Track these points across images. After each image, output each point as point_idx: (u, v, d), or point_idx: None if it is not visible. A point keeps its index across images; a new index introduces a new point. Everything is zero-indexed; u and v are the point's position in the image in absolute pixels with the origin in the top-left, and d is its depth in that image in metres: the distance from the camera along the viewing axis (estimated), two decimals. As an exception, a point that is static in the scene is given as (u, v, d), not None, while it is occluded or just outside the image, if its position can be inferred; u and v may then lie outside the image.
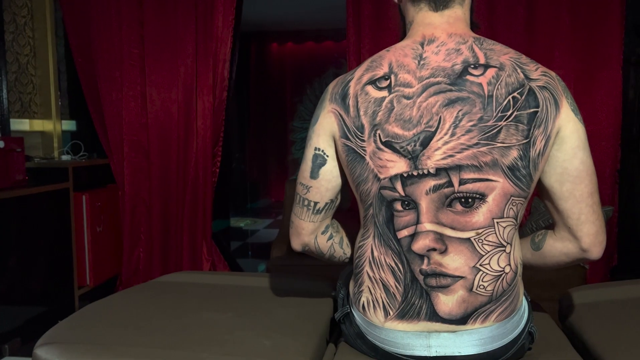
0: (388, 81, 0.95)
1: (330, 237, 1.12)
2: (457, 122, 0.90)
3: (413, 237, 0.94)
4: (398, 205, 0.95)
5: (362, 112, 0.96)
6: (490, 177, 0.90)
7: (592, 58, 2.51)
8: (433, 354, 0.97)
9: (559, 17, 2.51)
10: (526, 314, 1.03)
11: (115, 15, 2.73)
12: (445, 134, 0.91)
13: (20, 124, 2.79)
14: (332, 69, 4.98)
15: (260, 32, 5.52)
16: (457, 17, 0.99)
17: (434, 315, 0.95)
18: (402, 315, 0.97)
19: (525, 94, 0.90)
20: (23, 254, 2.27)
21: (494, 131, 0.89)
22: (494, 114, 0.90)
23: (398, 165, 0.93)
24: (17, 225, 2.23)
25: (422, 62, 0.95)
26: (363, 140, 0.96)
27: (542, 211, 2.33)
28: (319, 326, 1.19)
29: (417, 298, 0.96)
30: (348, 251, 1.15)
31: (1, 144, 2.18)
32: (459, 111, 0.90)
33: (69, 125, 3.08)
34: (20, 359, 2.13)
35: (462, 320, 0.95)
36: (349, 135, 0.98)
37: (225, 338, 1.07)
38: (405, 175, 0.93)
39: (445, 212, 0.92)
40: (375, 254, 0.99)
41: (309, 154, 1.04)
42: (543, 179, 0.96)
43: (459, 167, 0.90)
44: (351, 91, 0.98)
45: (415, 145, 0.92)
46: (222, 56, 2.69)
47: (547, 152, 0.93)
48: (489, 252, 0.93)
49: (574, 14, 2.50)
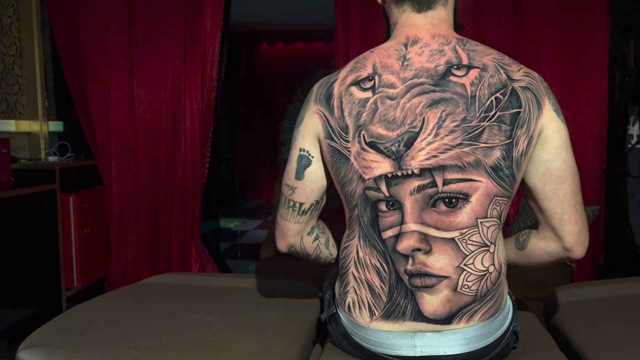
0: (372, 82, 0.95)
1: (316, 238, 1.12)
2: (441, 123, 0.91)
3: (398, 237, 0.95)
4: (383, 206, 0.95)
5: (346, 113, 0.96)
6: (474, 177, 0.91)
7: (578, 59, 2.53)
8: (418, 353, 0.97)
9: (545, 19, 2.53)
10: (510, 313, 1.03)
11: (103, 15, 2.71)
12: (429, 134, 0.91)
13: (6, 125, 2.76)
14: (322, 70, 4.99)
15: (249, 33, 5.51)
16: (440, 18, 0.99)
17: (419, 315, 0.96)
18: (387, 316, 0.98)
19: (508, 94, 0.91)
20: (9, 256, 2.25)
21: (477, 131, 0.90)
22: (477, 115, 0.90)
23: (382, 165, 0.93)
24: (3, 227, 2.21)
25: (405, 63, 0.95)
26: (347, 141, 0.96)
27: (530, 211, 2.35)
28: (306, 327, 1.19)
29: (402, 298, 0.96)
30: (334, 252, 1.15)
31: (-14, 145, 2.16)
32: (442, 112, 0.91)
33: (55, 126, 3.06)
34: (6, 362, 2.11)
35: (446, 319, 0.95)
36: (333, 136, 0.98)
37: (211, 340, 1.06)
38: (389, 175, 0.93)
39: (429, 213, 0.93)
40: (361, 254, 1.00)
41: (294, 155, 1.04)
42: (526, 179, 0.97)
43: (442, 168, 0.91)
44: (335, 92, 0.98)
45: (399, 146, 0.92)
46: (211, 57, 2.69)
47: (529, 152, 0.93)
48: (472, 252, 0.94)
49: (561, 16, 2.52)
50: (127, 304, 1.29)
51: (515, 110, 0.91)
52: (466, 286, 0.95)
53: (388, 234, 0.96)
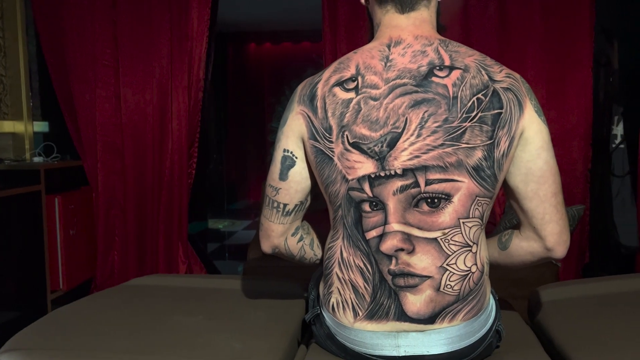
0: (355, 83, 0.95)
1: (301, 239, 1.12)
2: (423, 123, 0.91)
3: (381, 237, 0.95)
4: (366, 207, 0.95)
5: (330, 114, 0.96)
6: (456, 177, 0.91)
7: (563, 60, 2.56)
8: (402, 353, 0.98)
9: (530, 21, 2.55)
10: (493, 313, 1.04)
11: (88, 14, 2.69)
12: (412, 134, 0.92)
13: (-10, 125, 2.73)
14: (310, 70, 4.98)
15: (237, 33, 5.49)
16: (423, 19, 1.00)
17: (402, 315, 0.96)
18: (371, 316, 0.98)
19: (490, 95, 0.92)
20: (-7, 258, 2.22)
21: (459, 132, 0.90)
22: (459, 115, 0.91)
23: (365, 166, 0.94)
24: (-14, 228, 2.18)
25: (388, 64, 0.95)
26: (331, 142, 0.96)
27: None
28: (291, 328, 1.19)
29: (385, 298, 0.97)
30: (319, 253, 1.15)
31: (-31, 146, 2.13)
32: (424, 112, 0.91)
33: (41, 126, 3.03)
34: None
35: (430, 319, 0.96)
36: (317, 136, 0.98)
37: (194, 341, 1.06)
38: (372, 176, 0.94)
39: (412, 213, 0.93)
40: (345, 255, 1.00)
41: (278, 155, 1.04)
42: (508, 179, 0.98)
43: (425, 168, 0.91)
44: (319, 93, 0.99)
45: (382, 146, 0.93)
46: (198, 56, 2.68)
47: (511, 153, 0.94)
48: (455, 251, 0.94)
49: (546, 18, 2.54)
50: (111, 306, 1.28)
51: (496, 111, 0.92)
52: (449, 286, 0.95)
53: (372, 234, 0.96)
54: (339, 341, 1.04)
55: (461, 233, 0.94)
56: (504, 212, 2.55)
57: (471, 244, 0.95)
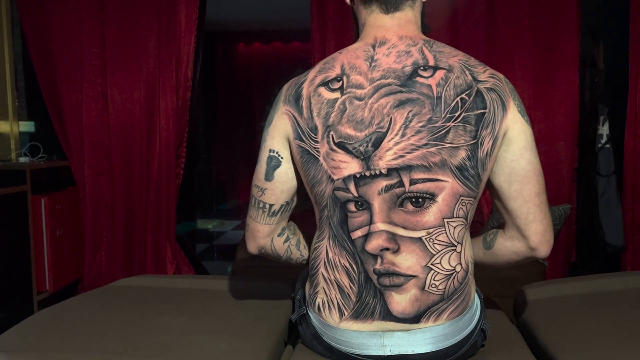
0: (340, 83, 0.96)
1: (287, 240, 1.12)
2: (407, 123, 0.92)
3: (367, 237, 0.95)
4: (352, 206, 0.96)
5: (315, 114, 0.96)
6: (440, 177, 0.92)
7: (550, 60, 2.57)
8: (387, 353, 0.98)
9: (518, 21, 2.57)
10: (478, 312, 1.05)
11: (75, 13, 2.66)
12: (396, 134, 0.92)
13: (-25, 125, 2.70)
14: (300, 70, 4.96)
15: (226, 32, 5.47)
16: (407, 19, 1.00)
17: (387, 315, 0.96)
18: (356, 315, 0.98)
19: (473, 95, 0.92)
20: (-23, 260, 2.19)
21: (443, 132, 0.91)
22: (443, 115, 0.91)
23: (351, 166, 0.94)
24: (-30, 230, 2.16)
25: (373, 64, 0.95)
26: (317, 142, 0.96)
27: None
28: (277, 328, 1.18)
29: (371, 298, 0.97)
30: (305, 253, 1.15)
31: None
32: (409, 112, 0.92)
33: (27, 126, 2.99)
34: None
35: (415, 318, 0.96)
36: (302, 136, 0.98)
37: (179, 342, 1.05)
38: (358, 175, 0.94)
39: (397, 212, 0.94)
40: (330, 255, 1.00)
41: (264, 155, 1.04)
42: (492, 179, 0.98)
43: (409, 167, 0.92)
44: (304, 93, 0.99)
45: (367, 146, 0.93)
46: (186, 56, 2.66)
47: (494, 153, 0.95)
48: (439, 251, 0.95)
49: (533, 18, 2.55)
50: (96, 307, 1.27)
51: (480, 111, 0.92)
52: (434, 285, 0.95)
53: (357, 234, 0.96)
54: (325, 341, 1.04)
55: (445, 233, 0.94)
56: (492, 211, 2.57)
57: (455, 243, 0.96)
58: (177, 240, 2.83)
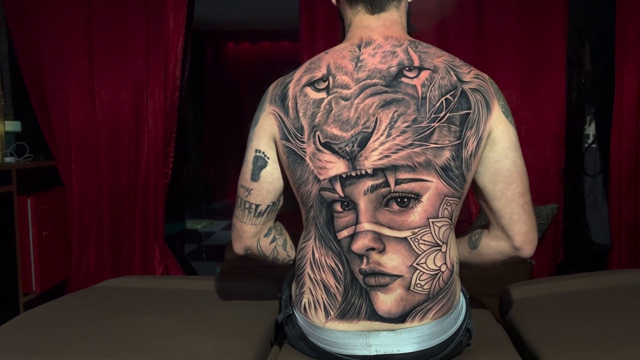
0: (326, 83, 0.96)
1: (274, 240, 1.11)
2: (393, 123, 0.92)
3: (352, 237, 0.95)
4: (338, 207, 0.96)
5: (301, 114, 0.96)
6: (424, 177, 0.92)
7: (537, 61, 2.60)
8: (373, 352, 0.98)
9: (506, 22, 2.59)
10: (464, 311, 1.05)
11: (62, 12, 2.64)
12: (382, 134, 0.92)
13: (-41, 125, 2.66)
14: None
15: (215, 32, 5.44)
16: (393, 20, 1.00)
17: (373, 315, 0.96)
18: (342, 315, 0.98)
19: (458, 96, 0.93)
20: (-38, 261, 2.16)
21: (428, 132, 0.91)
22: (428, 116, 0.91)
23: (337, 166, 0.94)
24: (-46, 230, 2.13)
25: (359, 64, 0.96)
26: (303, 142, 0.96)
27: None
28: (264, 328, 1.18)
29: (357, 297, 0.97)
30: (292, 253, 1.15)
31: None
32: (394, 112, 0.92)
33: (13, 126, 2.96)
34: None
35: (400, 318, 0.96)
36: (288, 136, 0.98)
37: (165, 343, 1.05)
38: (344, 176, 0.94)
39: (382, 212, 0.94)
40: (316, 255, 1.00)
41: (250, 156, 1.04)
42: (477, 179, 0.99)
43: (394, 168, 0.92)
44: (290, 93, 0.99)
45: (353, 146, 0.93)
46: (174, 55, 2.65)
47: (479, 153, 0.95)
48: (425, 251, 0.95)
49: (521, 20, 2.58)
50: (81, 309, 1.26)
51: (464, 112, 0.92)
52: (419, 285, 0.96)
53: (343, 234, 0.96)
54: (311, 341, 1.04)
55: (430, 233, 0.95)
56: (480, 211, 2.58)
57: (441, 243, 0.96)
58: (166, 240, 2.81)
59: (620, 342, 1.06)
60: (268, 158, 1.02)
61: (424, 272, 0.95)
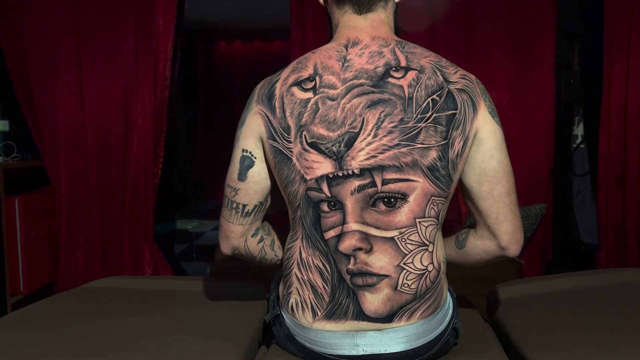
0: (313, 82, 0.96)
1: (261, 240, 1.11)
2: (379, 124, 0.92)
3: (339, 237, 0.95)
4: (324, 206, 0.96)
5: (288, 113, 0.96)
6: (411, 177, 0.92)
7: (526, 62, 2.61)
8: (360, 352, 0.98)
9: (496, 23, 2.60)
10: (450, 310, 1.05)
11: (50, 10, 2.61)
12: (369, 135, 0.92)
13: (-54, 124, 2.63)
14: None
15: (206, 31, 5.42)
16: (380, 20, 1.00)
17: (360, 314, 0.97)
18: (329, 315, 0.98)
19: (444, 96, 0.93)
20: (-52, 262, 2.14)
21: (414, 132, 0.91)
22: (414, 116, 0.92)
23: (324, 166, 0.94)
24: (-60, 231, 2.10)
25: (346, 64, 0.96)
26: (289, 142, 0.96)
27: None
28: (251, 329, 1.18)
29: (344, 298, 0.97)
30: (280, 253, 1.15)
31: None
32: (381, 112, 0.92)
33: (0, 125, 2.93)
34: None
35: (388, 318, 0.97)
36: (275, 136, 0.98)
37: (151, 344, 1.04)
38: (330, 176, 0.94)
39: (369, 212, 0.94)
40: (304, 255, 1.00)
41: (237, 155, 1.04)
42: (463, 179, 0.99)
43: (381, 168, 0.92)
44: (277, 92, 0.98)
45: (340, 146, 0.93)
46: (164, 54, 2.63)
47: (465, 153, 0.96)
48: (412, 251, 0.95)
49: (510, 21, 2.59)
50: (67, 309, 1.25)
51: (451, 112, 0.93)
52: (406, 285, 0.96)
53: (330, 234, 0.96)
54: (298, 341, 1.04)
55: (417, 232, 0.95)
56: (469, 211, 2.59)
57: (427, 243, 0.96)
58: (156, 241, 2.80)
59: (606, 340, 1.06)
60: (255, 158, 1.02)
61: (411, 272, 0.96)
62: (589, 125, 2.67)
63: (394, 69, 0.94)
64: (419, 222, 0.94)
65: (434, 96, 0.92)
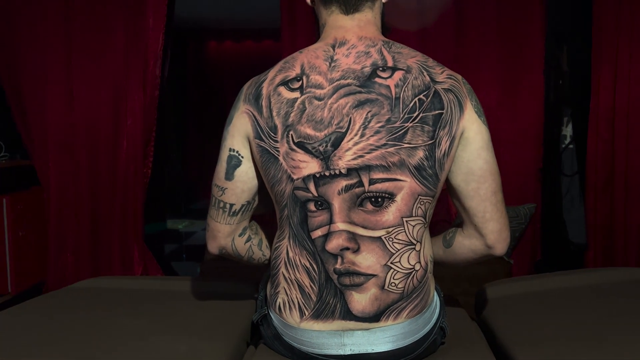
0: (300, 82, 0.96)
1: (249, 239, 1.11)
2: (366, 123, 0.92)
3: (327, 237, 0.95)
4: (311, 206, 0.96)
5: (275, 113, 0.96)
6: (398, 176, 0.92)
7: (516, 62, 2.62)
8: (347, 352, 0.98)
9: (486, 24, 2.61)
10: (437, 310, 1.06)
11: (40, 9, 2.60)
12: (356, 134, 0.92)
13: None
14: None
15: (197, 30, 5.40)
16: (367, 20, 1.01)
17: (347, 314, 0.97)
18: (317, 315, 0.98)
19: (431, 96, 0.93)
20: None
21: (401, 132, 0.92)
22: (401, 116, 0.92)
23: (310, 165, 0.94)
24: None
25: (333, 64, 0.96)
26: (276, 141, 0.96)
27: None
28: (239, 329, 1.18)
29: (331, 297, 0.97)
30: (267, 253, 1.15)
31: None
32: (368, 112, 0.92)
33: (-12, 124, 2.91)
34: None
35: (375, 317, 0.97)
36: (262, 135, 0.98)
37: (138, 345, 1.03)
38: (317, 175, 0.94)
39: (357, 212, 0.94)
40: (291, 254, 1.00)
41: (224, 155, 1.04)
42: (450, 178, 1.00)
43: (368, 167, 0.92)
44: (264, 92, 0.98)
45: (326, 146, 0.93)
46: (154, 53, 2.61)
47: (452, 153, 0.96)
48: (399, 250, 0.95)
49: (500, 22, 2.60)
50: (55, 309, 1.24)
51: (437, 112, 0.93)
52: (393, 284, 0.96)
53: (317, 233, 0.96)
54: (286, 341, 1.04)
55: (405, 232, 0.95)
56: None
57: (415, 242, 0.97)
58: (146, 241, 2.78)
59: (591, 339, 1.07)
60: (242, 157, 1.02)
61: (398, 271, 0.96)
62: (577, 125, 2.69)
63: (381, 69, 0.94)
64: (406, 221, 0.95)
65: (421, 96, 0.93)
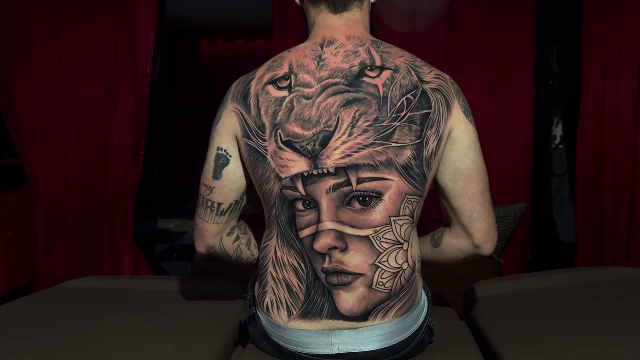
0: (288, 81, 0.96)
1: (237, 239, 1.10)
2: (354, 122, 0.92)
3: (315, 236, 0.95)
4: (299, 205, 0.95)
5: (262, 112, 0.96)
6: (386, 176, 0.93)
7: (507, 63, 2.64)
8: (335, 351, 0.98)
9: (477, 24, 2.62)
10: (425, 309, 1.06)
11: (30, 7, 2.58)
12: (344, 133, 0.92)
13: None
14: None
15: (189, 29, 5.39)
16: (355, 20, 1.01)
17: (335, 313, 0.97)
18: (305, 314, 0.98)
19: (419, 95, 0.93)
20: None
21: (389, 131, 0.92)
22: (389, 115, 0.92)
23: (298, 164, 0.94)
24: None
25: (321, 63, 0.96)
26: (264, 140, 0.96)
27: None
28: (228, 328, 1.17)
29: (319, 296, 0.97)
30: (256, 252, 1.14)
31: None
32: (355, 111, 0.92)
33: (-23, 123, 2.88)
34: None
35: (362, 316, 0.97)
36: (250, 134, 0.97)
37: (125, 344, 1.03)
38: (305, 174, 0.94)
39: (344, 211, 0.94)
40: (279, 254, 0.99)
41: (212, 154, 1.03)
42: (438, 178, 1.00)
43: (356, 166, 0.92)
44: (252, 90, 0.98)
45: (314, 145, 0.93)
46: (144, 52, 2.60)
47: (439, 152, 0.96)
48: (386, 249, 0.96)
49: (490, 22, 2.62)
50: (42, 309, 1.23)
51: (425, 111, 0.93)
52: (381, 283, 0.96)
53: (305, 232, 0.96)
54: (273, 341, 1.04)
55: (392, 231, 0.95)
56: (450, 210, 2.60)
57: (402, 241, 0.97)
58: (137, 240, 2.77)
59: (579, 338, 1.07)
60: (230, 156, 1.02)
61: (385, 270, 0.96)
62: (567, 125, 2.70)
63: (369, 68, 0.94)
64: (394, 220, 0.95)
65: (409, 95, 0.93)
